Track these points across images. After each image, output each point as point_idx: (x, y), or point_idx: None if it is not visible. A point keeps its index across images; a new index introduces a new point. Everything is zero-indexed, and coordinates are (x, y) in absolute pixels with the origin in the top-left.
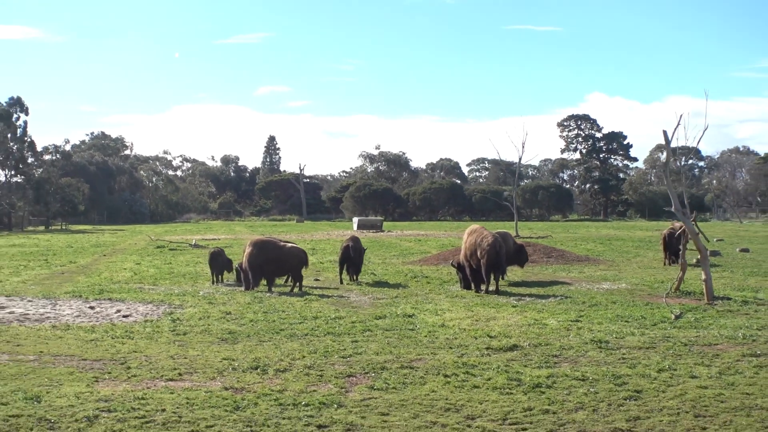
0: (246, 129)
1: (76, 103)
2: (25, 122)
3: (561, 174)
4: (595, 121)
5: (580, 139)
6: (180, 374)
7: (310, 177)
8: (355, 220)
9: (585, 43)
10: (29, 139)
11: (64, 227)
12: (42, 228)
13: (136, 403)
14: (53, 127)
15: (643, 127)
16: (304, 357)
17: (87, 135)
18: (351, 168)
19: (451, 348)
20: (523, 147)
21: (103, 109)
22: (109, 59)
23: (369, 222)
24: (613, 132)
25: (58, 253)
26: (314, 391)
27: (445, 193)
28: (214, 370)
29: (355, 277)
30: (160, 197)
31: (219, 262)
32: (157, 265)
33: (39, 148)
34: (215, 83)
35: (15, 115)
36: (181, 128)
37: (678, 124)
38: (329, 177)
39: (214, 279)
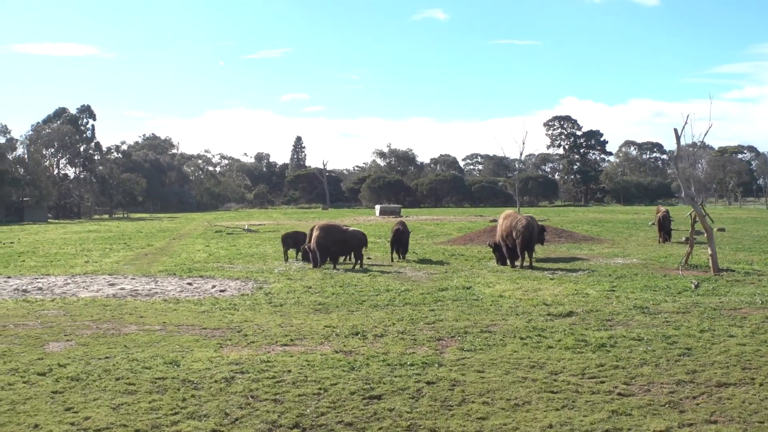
0: (272, 130)
1: (127, 109)
2: (93, 126)
3: (543, 167)
4: (576, 121)
5: (563, 136)
6: (291, 340)
7: (330, 171)
8: (377, 207)
9: (560, 54)
10: (96, 141)
11: (125, 216)
12: (106, 216)
13: (264, 366)
14: (108, 130)
15: (610, 126)
16: (394, 324)
17: (140, 137)
18: (364, 163)
19: (517, 315)
20: (523, 144)
21: (150, 114)
22: (153, 71)
23: (389, 209)
24: (591, 130)
25: (133, 237)
26: (413, 353)
27: (448, 184)
28: (320, 336)
29: (402, 256)
30: (204, 189)
31: (290, 243)
32: (224, 247)
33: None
34: (244, 91)
35: (84, 120)
36: (215, 130)
37: (686, 123)
38: (345, 171)
39: (287, 257)
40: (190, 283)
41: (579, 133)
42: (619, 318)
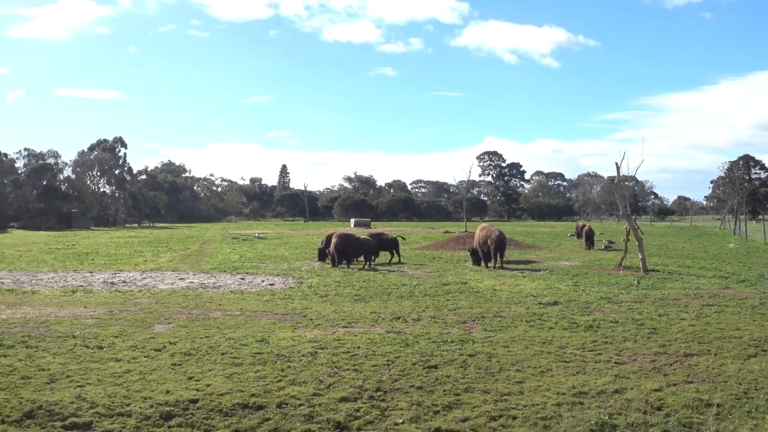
0: (259, 159)
1: (146, 141)
2: (125, 154)
3: (472, 190)
4: (501, 155)
5: (491, 167)
6: (348, 323)
7: (309, 192)
8: (352, 220)
9: (483, 102)
10: (128, 165)
11: (151, 225)
12: (136, 225)
13: (336, 343)
14: (132, 158)
15: (522, 159)
16: (424, 311)
17: (160, 163)
18: (332, 186)
19: (515, 304)
20: (469, 172)
21: (164, 145)
22: (167, 111)
23: (362, 222)
24: (513, 162)
25: (169, 242)
26: (449, 332)
27: (401, 203)
28: (370, 320)
29: (398, 259)
30: (211, 205)
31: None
32: (248, 250)
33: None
34: (238, 129)
35: (118, 149)
36: (216, 158)
37: (622, 158)
38: (317, 192)
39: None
40: (242, 278)
41: (503, 164)
42: (593, 306)
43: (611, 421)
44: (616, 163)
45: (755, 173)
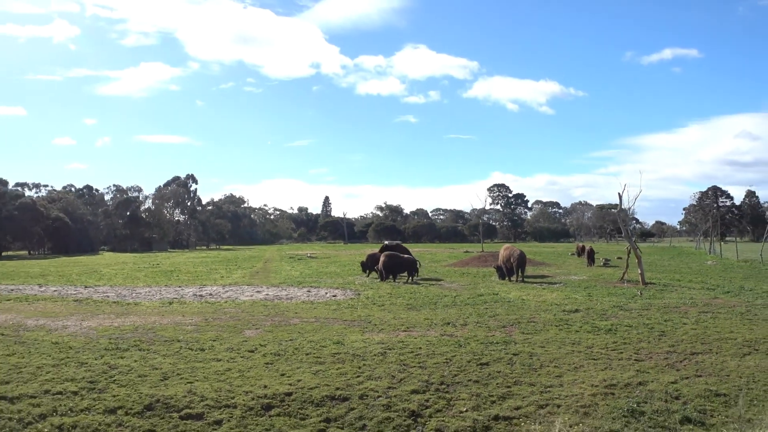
0: (303, 192)
1: (210, 177)
2: (195, 188)
3: (483, 217)
4: (508, 187)
5: (500, 197)
6: (407, 328)
7: (347, 218)
8: (386, 242)
9: (490, 143)
10: (198, 197)
11: (218, 247)
12: (204, 247)
13: (400, 344)
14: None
15: (523, 190)
16: (468, 317)
17: (223, 195)
18: (366, 213)
19: (543, 311)
20: (485, 202)
21: (224, 180)
22: (227, 153)
23: (392, 244)
24: (518, 193)
25: (237, 261)
26: (493, 335)
27: (425, 228)
28: (424, 325)
29: (412, 279)
30: (265, 230)
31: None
32: (305, 268)
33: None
34: (286, 167)
35: (190, 184)
36: (268, 192)
37: (623, 190)
38: (353, 219)
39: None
40: (308, 291)
41: (510, 195)
42: (609, 313)
43: (639, 408)
44: (619, 194)
45: (722, 201)
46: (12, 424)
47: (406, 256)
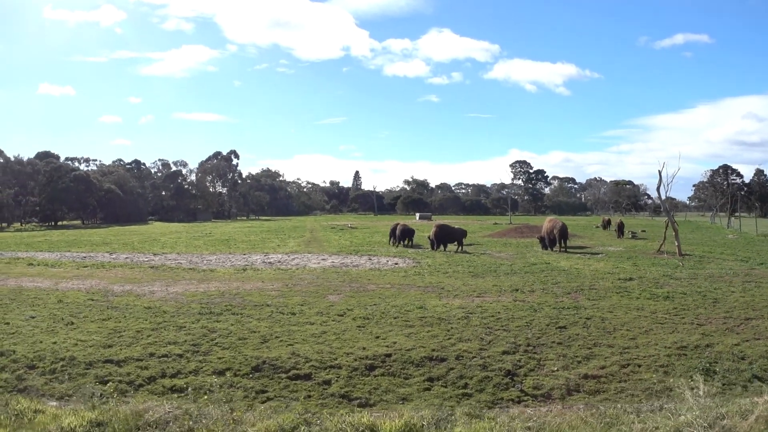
0: (333, 167)
1: (245, 153)
2: (237, 163)
3: (502, 191)
4: (529, 163)
5: (521, 172)
6: (479, 294)
7: (377, 192)
8: (417, 214)
9: (508, 122)
10: (239, 171)
11: (257, 218)
12: (245, 218)
13: (480, 309)
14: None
15: (540, 167)
16: (533, 284)
17: (261, 169)
18: (395, 186)
19: (600, 279)
20: (511, 178)
21: (259, 156)
22: (262, 130)
23: (425, 215)
24: (539, 169)
25: (283, 231)
26: (562, 301)
27: (450, 201)
28: (494, 292)
29: (461, 248)
30: (300, 202)
31: (398, 233)
32: (351, 237)
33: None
34: (317, 143)
35: (232, 159)
36: (301, 166)
37: (662, 167)
38: (381, 192)
39: (396, 243)
40: (369, 259)
41: (531, 171)
42: (661, 281)
43: (712, 368)
44: (659, 171)
45: (732, 179)
46: (123, 387)
47: (456, 227)
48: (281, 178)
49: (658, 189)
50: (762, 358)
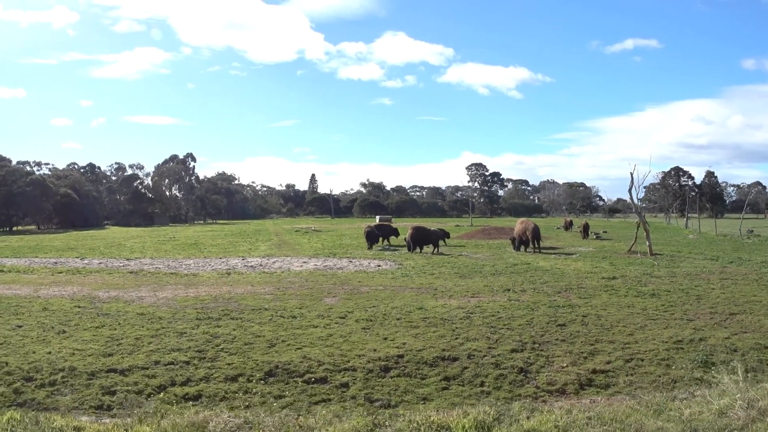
0: (287, 170)
1: (197, 155)
2: (194, 166)
3: (457, 194)
4: (485, 166)
5: (477, 174)
6: (473, 294)
7: (333, 195)
8: (377, 217)
9: (460, 124)
10: (196, 175)
11: (214, 222)
12: (202, 222)
13: (478, 309)
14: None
15: (492, 169)
16: (522, 284)
17: (216, 172)
18: (350, 189)
19: (585, 278)
20: (468, 180)
21: (210, 159)
22: (213, 133)
23: (385, 218)
24: (494, 172)
25: (248, 234)
26: (555, 300)
27: (408, 204)
28: (487, 292)
29: (437, 250)
30: (257, 206)
31: (374, 236)
32: (320, 240)
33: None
34: (270, 146)
35: (188, 162)
36: (253, 169)
37: (634, 169)
38: (336, 195)
39: (370, 246)
40: (350, 261)
41: (487, 173)
42: (643, 280)
43: (710, 359)
44: (630, 173)
45: (684, 181)
46: (132, 397)
47: (432, 229)
48: (237, 182)
49: (630, 191)
50: (752, 350)
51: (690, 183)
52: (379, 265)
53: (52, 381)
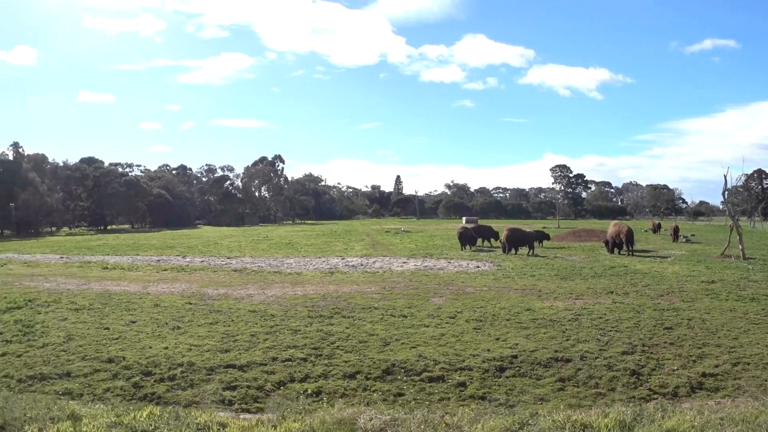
0: (370, 172)
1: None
2: (282, 167)
3: (539, 195)
4: (569, 167)
5: (561, 176)
6: (577, 296)
7: (418, 196)
8: (464, 218)
9: (542, 127)
10: (284, 176)
11: (302, 222)
12: (290, 222)
13: (586, 311)
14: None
15: (574, 171)
16: (624, 286)
17: (304, 173)
18: (434, 191)
19: (685, 282)
20: (552, 182)
21: (295, 161)
22: (296, 136)
23: (471, 219)
24: (579, 173)
25: (340, 234)
26: (659, 303)
27: (492, 205)
28: (591, 293)
29: (533, 252)
30: (343, 206)
31: (467, 237)
32: (411, 240)
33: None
34: (354, 148)
35: (277, 163)
36: (336, 171)
37: (727, 171)
38: (421, 196)
39: (463, 247)
40: (448, 262)
41: (571, 175)
42: (741, 284)
43: None
44: (724, 175)
45: (766, 184)
46: (253, 392)
47: (528, 230)
48: (323, 183)
49: (723, 193)
50: None
51: None
52: (478, 266)
53: (171, 376)
